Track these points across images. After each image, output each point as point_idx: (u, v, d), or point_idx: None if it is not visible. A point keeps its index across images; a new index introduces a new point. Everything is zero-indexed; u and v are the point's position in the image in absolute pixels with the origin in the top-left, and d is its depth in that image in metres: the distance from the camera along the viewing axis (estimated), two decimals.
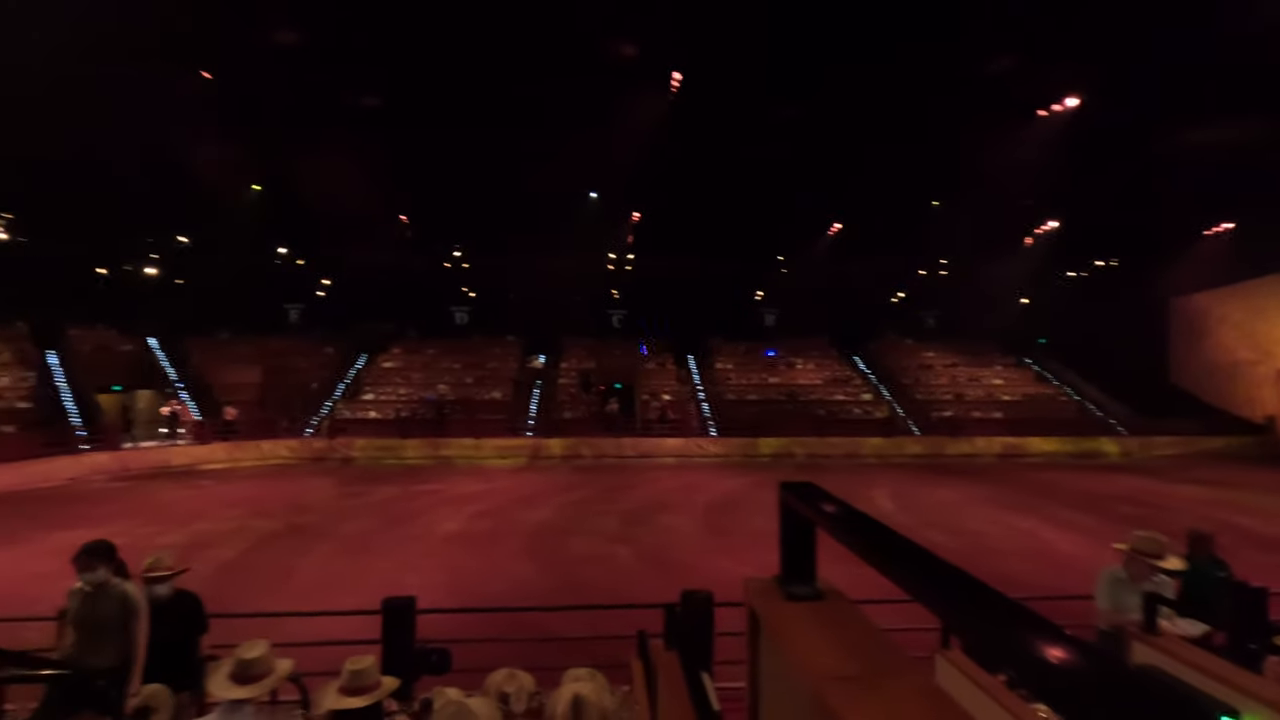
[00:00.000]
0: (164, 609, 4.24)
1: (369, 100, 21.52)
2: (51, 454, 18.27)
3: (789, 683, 0.82)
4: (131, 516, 13.33)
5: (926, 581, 0.63)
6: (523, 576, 9.80)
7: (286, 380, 25.31)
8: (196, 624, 4.40)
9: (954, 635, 2.01)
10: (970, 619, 0.57)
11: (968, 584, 0.62)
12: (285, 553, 11.10)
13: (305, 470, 20.04)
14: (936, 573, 0.64)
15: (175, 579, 4.34)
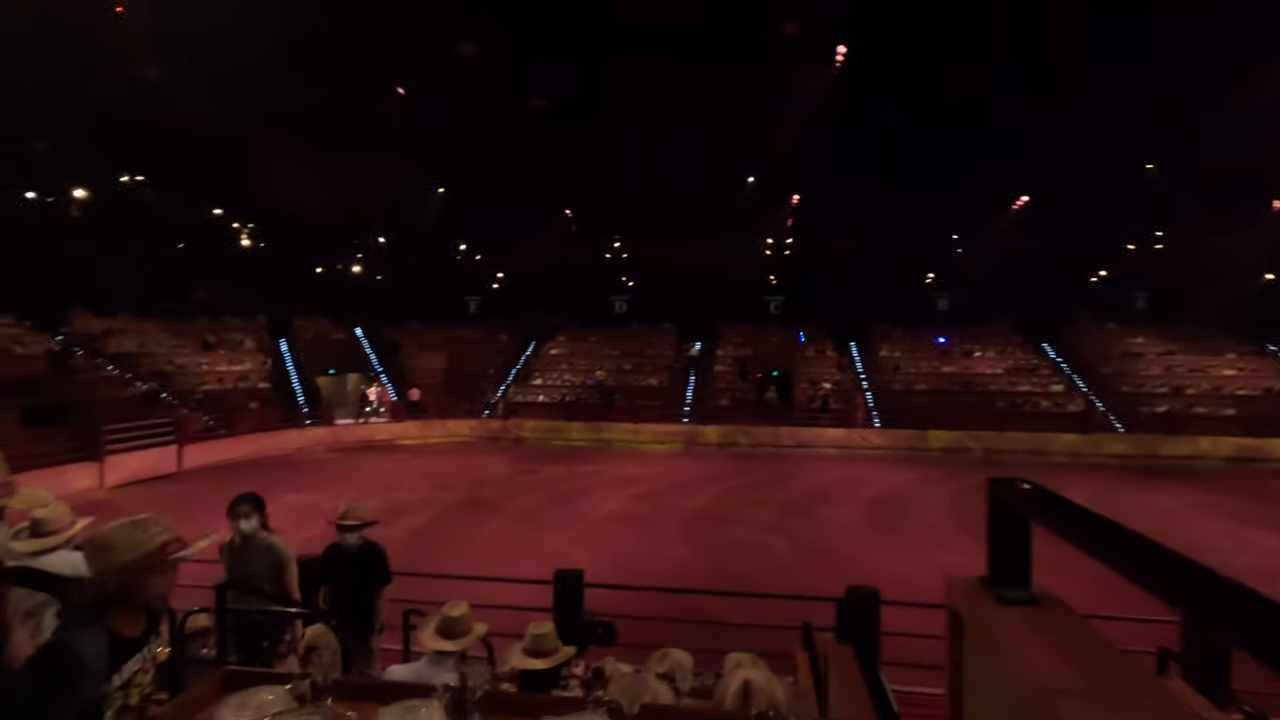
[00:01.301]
0: (352, 557, 4.50)
1: (537, 101, 22.76)
2: (283, 427, 21.49)
3: (1002, 692, 0.74)
4: (342, 483, 15.30)
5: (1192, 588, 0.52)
6: (679, 559, 9.96)
7: (467, 365, 27.67)
8: (379, 574, 4.61)
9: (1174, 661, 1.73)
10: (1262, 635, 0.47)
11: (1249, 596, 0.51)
12: (467, 522, 12.19)
13: (483, 448, 21.81)
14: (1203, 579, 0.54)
15: (364, 529, 4.59)
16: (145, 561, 1.66)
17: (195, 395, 21.08)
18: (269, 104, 20.39)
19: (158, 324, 24.48)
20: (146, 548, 1.67)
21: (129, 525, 1.72)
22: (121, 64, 18.24)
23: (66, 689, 1.50)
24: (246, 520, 3.91)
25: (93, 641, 1.57)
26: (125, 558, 1.63)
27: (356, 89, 21.17)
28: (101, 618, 1.63)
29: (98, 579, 1.64)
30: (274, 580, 3.87)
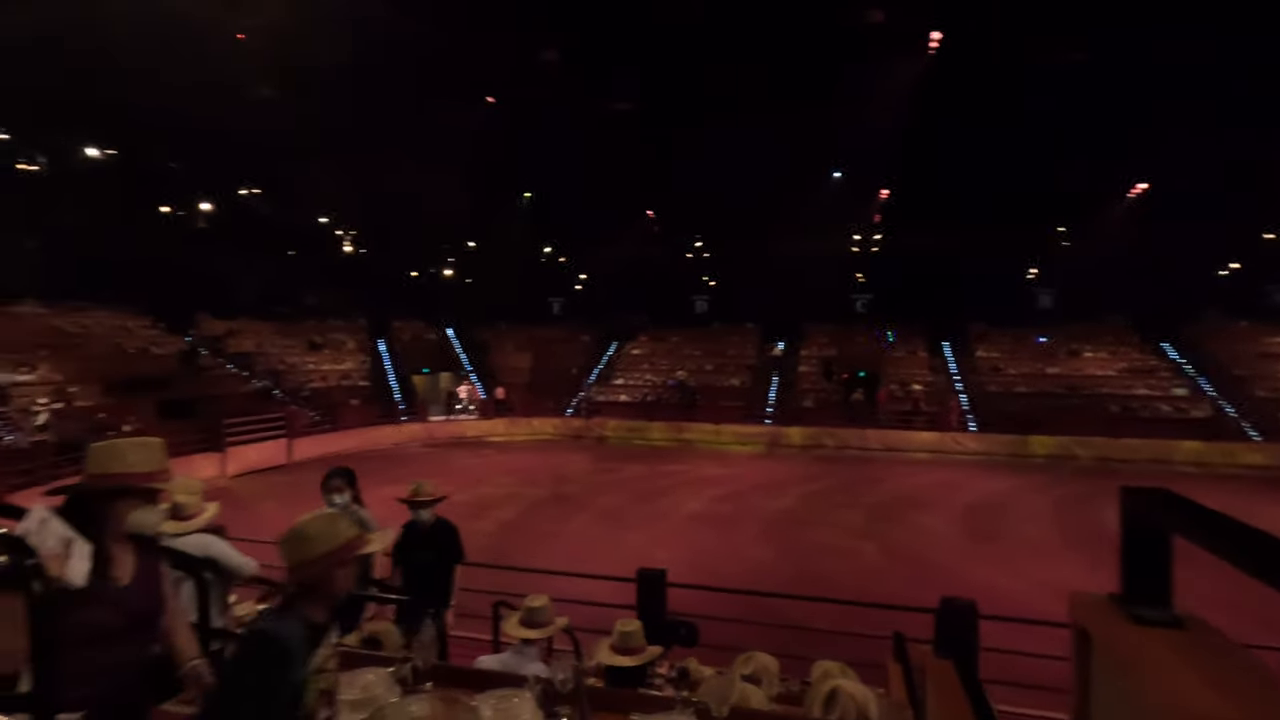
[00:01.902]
0: (426, 534, 4.55)
1: (619, 103, 23.02)
2: (381, 423, 22.70)
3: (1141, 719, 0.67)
4: (435, 477, 15.86)
5: None
6: (762, 562, 9.81)
7: (551, 365, 28.33)
8: (453, 551, 4.65)
9: None
10: None
11: None
12: (551, 518, 12.47)
13: (566, 446, 22.26)
14: None
15: (435, 505, 4.66)
16: (337, 555, 1.74)
17: (303, 392, 22.59)
18: (368, 118, 21.62)
19: (271, 326, 26.42)
20: (338, 541, 1.75)
21: (323, 519, 1.81)
22: (240, 86, 19.78)
23: (280, 673, 1.60)
24: (339, 494, 4.06)
25: (293, 629, 1.66)
26: (320, 550, 1.71)
27: (448, 100, 22.09)
28: (296, 607, 1.72)
29: (293, 570, 1.72)
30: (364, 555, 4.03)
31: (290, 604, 1.73)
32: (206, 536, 3.42)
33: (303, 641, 1.67)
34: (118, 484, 1.87)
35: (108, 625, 1.84)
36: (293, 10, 17.20)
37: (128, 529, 1.90)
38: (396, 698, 1.82)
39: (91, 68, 16.98)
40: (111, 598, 1.85)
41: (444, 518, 4.73)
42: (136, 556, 1.95)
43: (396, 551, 4.58)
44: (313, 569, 1.71)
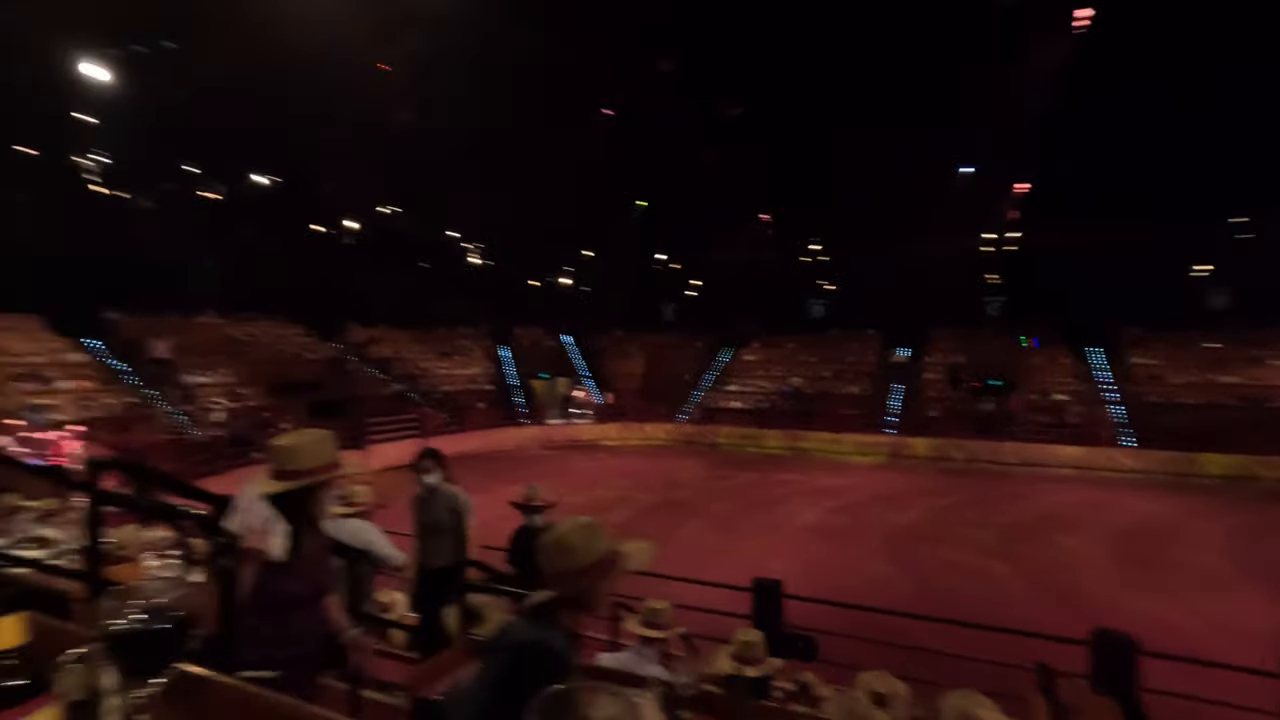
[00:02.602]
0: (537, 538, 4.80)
1: (734, 107, 22.93)
2: (503, 425, 23.85)
3: None
4: (552, 478, 16.52)
5: None
6: (881, 577, 9.38)
7: (663, 371, 28.58)
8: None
9: None
10: None
11: None
12: (664, 522, 12.55)
13: (678, 451, 22.35)
14: None
15: (546, 511, 4.81)
16: (601, 567, 1.71)
17: (435, 395, 24.17)
18: (493, 136, 22.88)
19: (407, 334, 28.49)
20: (600, 552, 1.71)
21: (584, 529, 1.76)
22: (381, 114, 21.57)
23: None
24: (430, 474, 4.23)
25: (560, 639, 1.64)
26: (585, 561, 1.68)
27: (566, 114, 22.95)
28: (557, 617, 1.68)
29: (556, 579, 1.69)
30: (455, 526, 4.16)
31: (550, 614, 1.67)
32: (362, 524, 3.76)
33: (568, 652, 1.64)
34: (313, 478, 2.13)
35: (297, 595, 2.14)
36: (426, 41, 18.56)
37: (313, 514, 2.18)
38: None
39: (261, 106, 19.14)
40: (300, 571, 2.14)
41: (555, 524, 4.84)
42: (313, 537, 2.23)
43: (510, 554, 4.79)
44: (579, 581, 1.67)
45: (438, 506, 4.20)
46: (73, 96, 18.76)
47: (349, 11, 16.08)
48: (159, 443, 15.31)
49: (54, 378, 16.62)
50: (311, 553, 2.20)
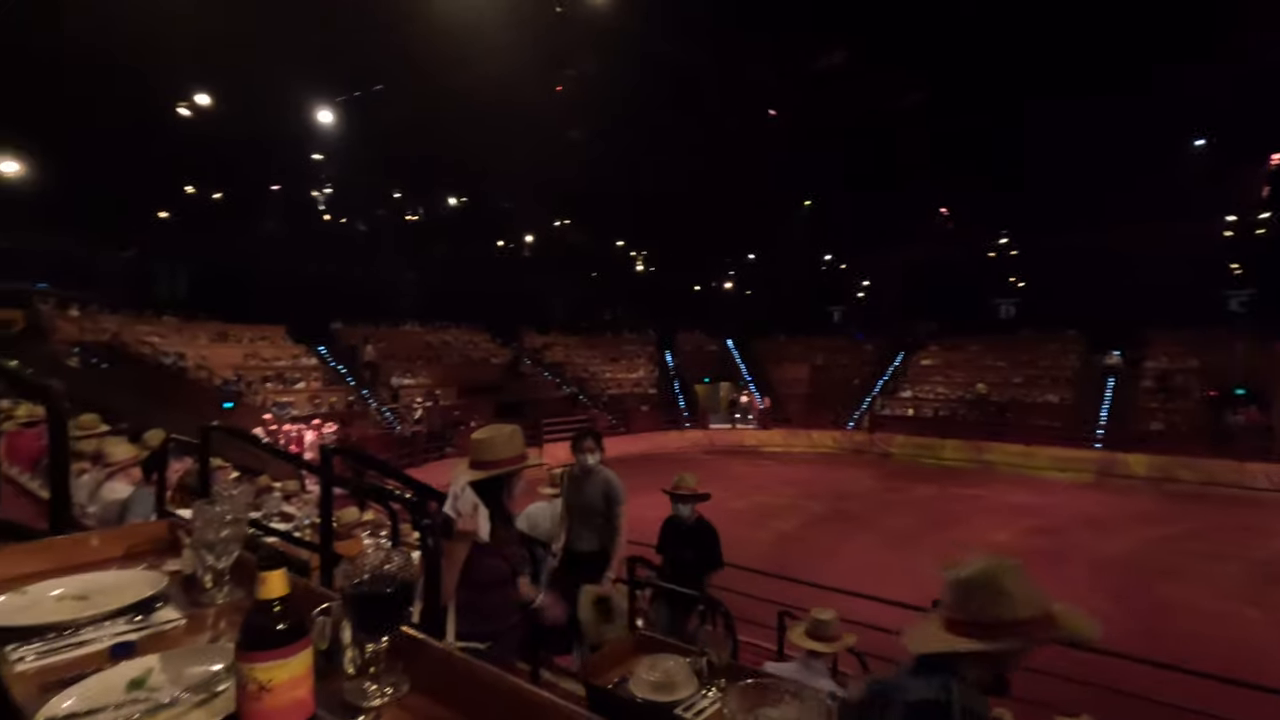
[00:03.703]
0: (686, 531, 4.52)
1: (908, 96, 21.56)
2: (667, 428, 24.29)
3: None
4: (715, 482, 16.46)
5: None
6: (1091, 612, 8.25)
7: (831, 376, 27.50)
8: (711, 555, 4.51)
9: None
10: None
11: None
12: (832, 534, 12.08)
13: (847, 460, 21.38)
14: None
15: (697, 502, 4.60)
16: (1038, 625, 1.40)
17: (603, 398, 25.24)
18: (657, 143, 23.45)
19: (577, 339, 30.06)
20: (1039, 608, 1.42)
21: (1017, 573, 1.46)
22: (557, 130, 22.96)
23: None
24: (591, 454, 4.15)
25: (982, 702, 1.40)
26: (1021, 613, 1.39)
27: (730, 117, 22.94)
28: (963, 673, 1.41)
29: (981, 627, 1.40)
30: (606, 510, 4.06)
31: (954, 669, 1.39)
32: (537, 512, 4.03)
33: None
34: (506, 468, 2.36)
35: (501, 572, 2.38)
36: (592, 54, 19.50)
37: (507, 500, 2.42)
38: (693, 688, 1.93)
39: (450, 136, 21.23)
40: (500, 552, 2.37)
41: (706, 519, 4.66)
42: (507, 521, 2.46)
43: (659, 545, 4.69)
44: (1006, 636, 1.37)
45: (592, 488, 4.11)
46: (307, 140, 22.07)
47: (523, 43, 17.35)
48: (372, 436, 17.51)
49: (293, 379, 19.63)
50: (507, 535, 2.42)
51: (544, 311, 30.82)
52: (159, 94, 18.23)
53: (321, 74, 18.98)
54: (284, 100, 19.33)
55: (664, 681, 1.95)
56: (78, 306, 19.60)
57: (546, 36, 17.84)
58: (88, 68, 15.71)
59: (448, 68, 17.78)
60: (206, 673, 0.86)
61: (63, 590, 1.18)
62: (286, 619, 0.73)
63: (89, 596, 1.15)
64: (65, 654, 0.99)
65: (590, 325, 31.74)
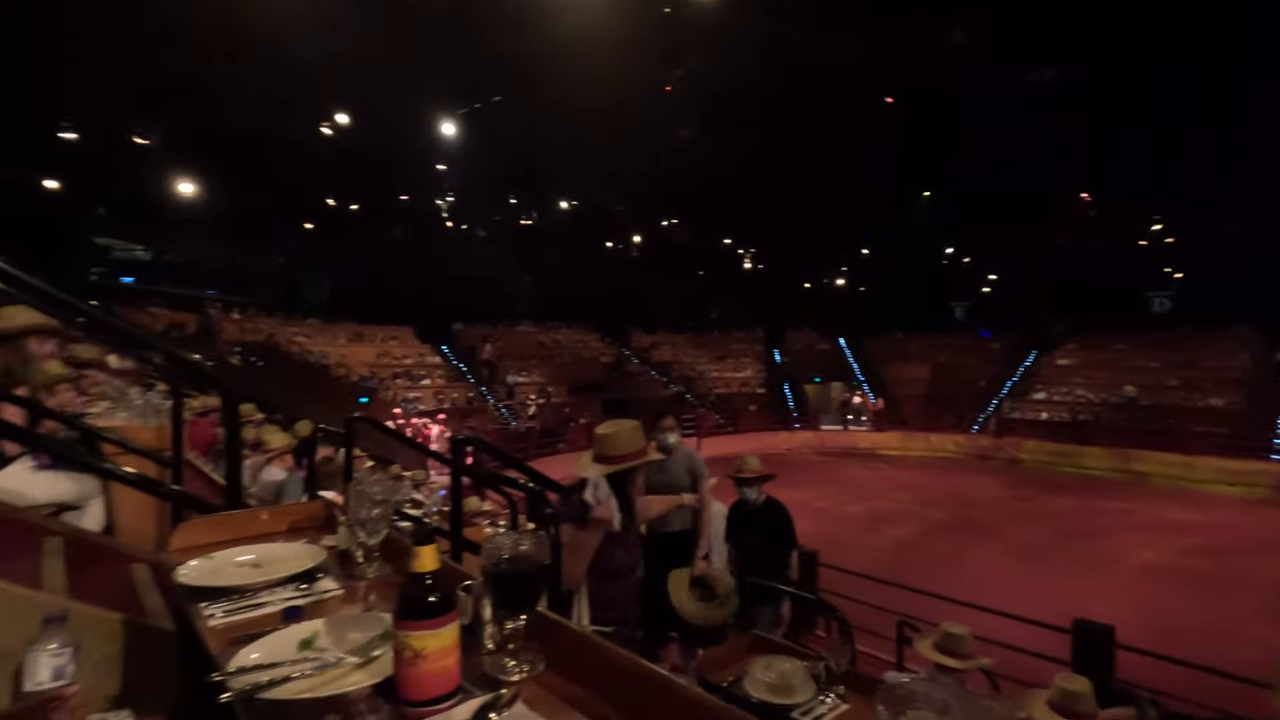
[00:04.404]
0: (753, 514, 4.29)
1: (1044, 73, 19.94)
2: (775, 428, 23.82)
3: None
4: (827, 485, 16.07)
5: None
6: (1267, 644, 7.28)
7: (952, 376, 25.90)
8: (784, 536, 4.29)
9: None
10: None
11: None
12: (954, 543, 11.38)
13: (970, 466, 20.07)
14: None
15: (763, 484, 4.36)
16: None
17: (710, 398, 25.13)
18: (765, 137, 23.05)
19: (684, 338, 30.12)
20: None
21: None
22: (665, 131, 23.13)
23: None
24: (671, 433, 4.00)
25: None
26: None
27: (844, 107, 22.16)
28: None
29: None
30: (693, 488, 3.92)
31: None
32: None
33: None
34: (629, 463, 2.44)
35: (626, 564, 2.47)
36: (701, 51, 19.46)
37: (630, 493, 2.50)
38: (811, 692, 1.88)
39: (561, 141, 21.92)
40: (627, 543, 2.47)
41: (775, 498, 4.40)
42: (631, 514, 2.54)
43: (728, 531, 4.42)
44: None
45: (676, 467, 3.94)
46: (432, 152, 23.56)
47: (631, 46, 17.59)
48: (489, 431, 18.39)
49: (420, 376, 21.00)
50: (631, 527, 2.50)
51: (651, 311, 31.11)
52: (304, 119, 20.12)
53: (444, 90, 20.21)
54: (411, 116, 20.76)
55: (780, 683, 1.91)
56: (238, 311, 21.97)
57: (655, 37, 18.00)
58: (242, 99, 17.60)
59: (559, 76, 18.38)
60: (365, 638, 0.94)
61: (241, 557, 1.33)
62: (437, 592, 0.79)
63: (262, 564, 1.30)
64: (245, 614, 1.13)
65: (697, 324, 31.69)
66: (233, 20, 15.11)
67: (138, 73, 15.81)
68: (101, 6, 14.46)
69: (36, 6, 13.90)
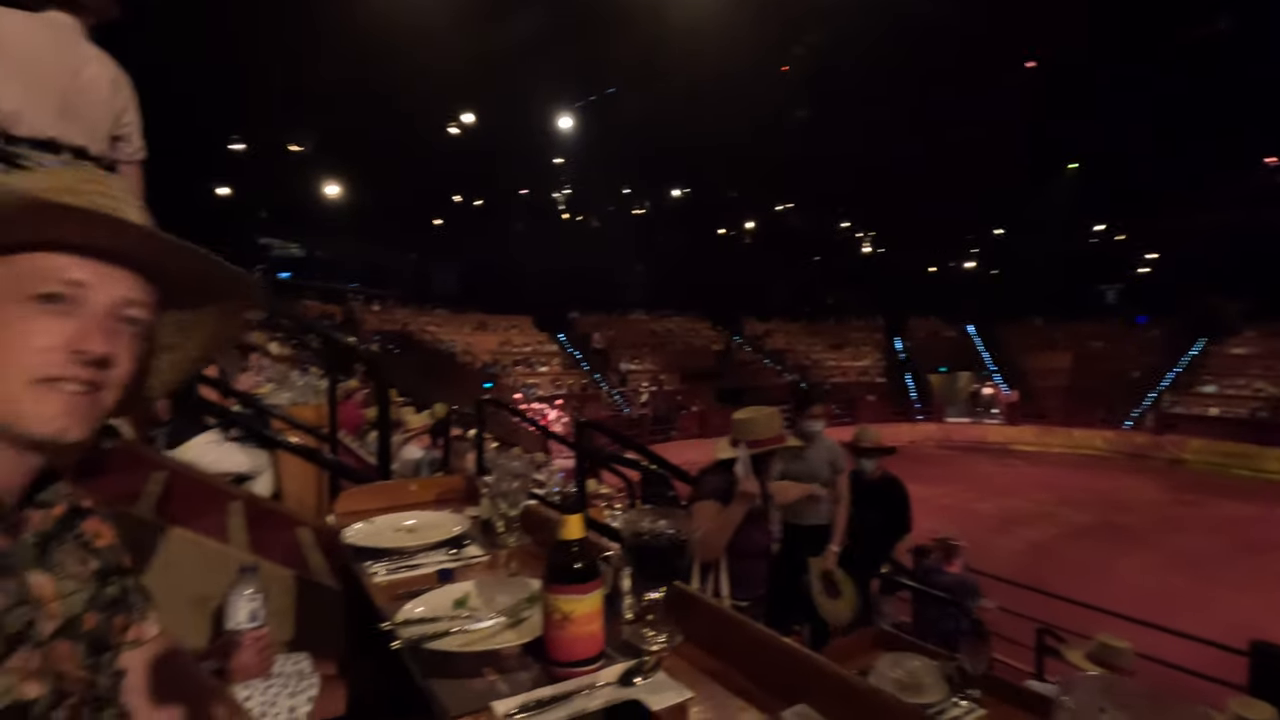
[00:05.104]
0: (869, 489, 4.05)
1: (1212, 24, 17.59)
2: (895, 420, 22.71)
3: None
4: (952, 481, 15.15)
5: None
6: None
7: (1100, 367, 23.56)
8: (899, 516, 4.08)
9: None
10: None
11: None
12: (1099, 549, 10.43)
13: (1120, 465, 18.25)
14: None
15: (881, 457, 4.17)
16: None
17: (825, 386, 24.37)
18: (887, 116, 21.89)
19: (799, 326, 29.37)
20: None
21: None
22: (778, 114, 22.56)
23: None
24: (816, 421, 3.80)
25: None
26: None
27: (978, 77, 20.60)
28: None
29: None
30: (831, 480, 3.75)
31: None
32: None
33: None
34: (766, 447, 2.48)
35: (761, 545, 2.53)
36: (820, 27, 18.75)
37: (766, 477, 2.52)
38: (943, 694, 1.80)
39: (673, 130, 21.92)
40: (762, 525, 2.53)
41: (893, 474, 4.17)
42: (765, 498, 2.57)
43: None
44: None
45: (816, 457, 3.74)
46: (549, 146, 24.36)
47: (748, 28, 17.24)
48: (603, 418, 18.86)
49: (538, 363, 21.86)
50: (766, 509, 2.53)
51: (765, 298, 30.56)
52: (434, 121, 21.41)
53: (562, 84, 20.80)
54: (530, 112, 21.55)
55: (909, 681, 1.83)
56: (378, 302, 23.81)
57: (774, 14, 17.56)
58: (380, 106, 18.99)
59: (674, 61, 18.37)
60: (512, 601, 1.00)
61: (397, 523, 1.46)
62: (583, 559, 0.82)
63: (416, 530, 1.42)
64: (404, 573, 1.23)
65: (813, 311, 30.77)
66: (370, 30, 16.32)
67: (293, 86, 17.48)
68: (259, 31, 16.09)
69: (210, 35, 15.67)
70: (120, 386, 0.64)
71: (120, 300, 0.63)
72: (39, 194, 0.59)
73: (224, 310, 0.77)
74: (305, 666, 1.48)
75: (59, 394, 0.60)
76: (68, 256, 0.62)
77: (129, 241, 0.63)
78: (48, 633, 0.61)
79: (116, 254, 0.64)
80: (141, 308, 0.66)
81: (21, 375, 0.59)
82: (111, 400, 0.64)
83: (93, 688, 0.64)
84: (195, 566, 1.79)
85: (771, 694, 0.78)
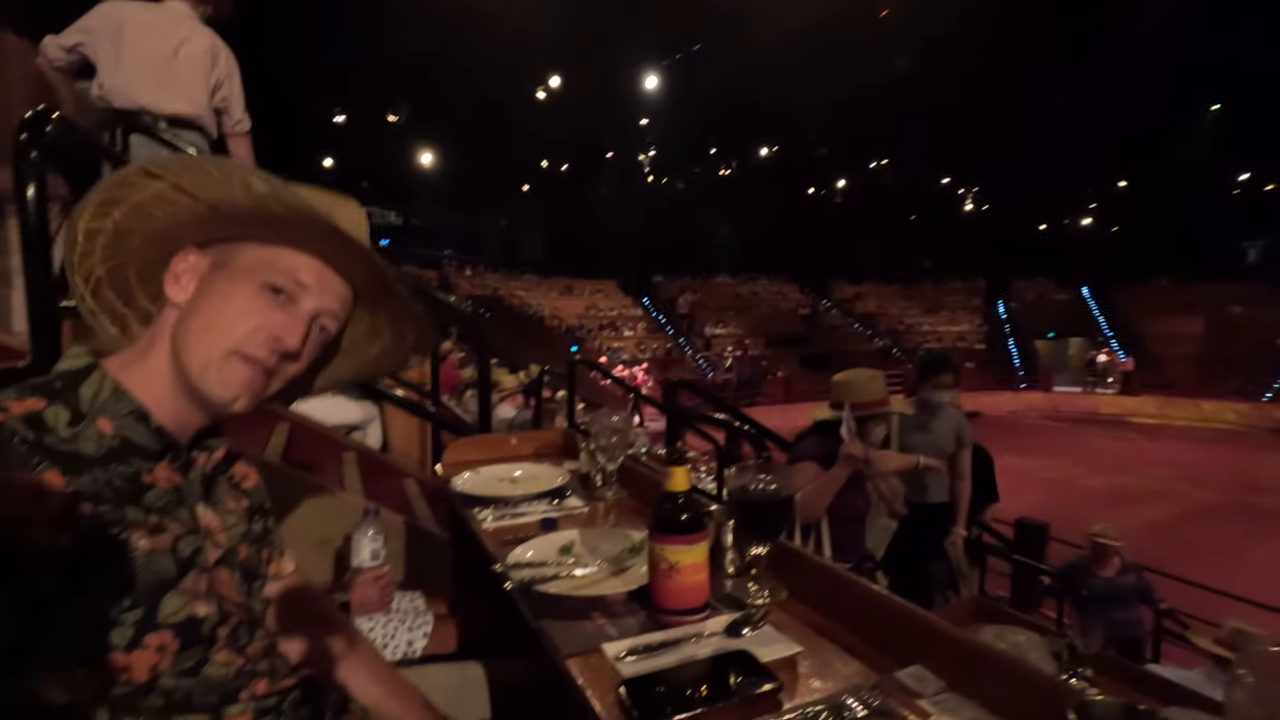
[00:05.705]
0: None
1: None
2: (997, 389, 21.49)
3: None
4: (1059, 454, 14.26)
5: None
6: None
7: (1238, 333, 21.28)
8: (985, 483, 3.82)
9: None
10: None
11: None
12: (1231, 532, 9.57)
13: (1259, 441, 16.57)
14: None
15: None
16: None
17: (919, 352, 23.34)
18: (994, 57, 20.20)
19: (892, 289, 28.14)
20: None
21: None
22: (877, 64, 21.28)
23: None
24: (948, 390, 3.52)
25: None
26: None
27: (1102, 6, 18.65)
28: None
29: None
30: (954, 454, 3.50)
31: None
32: None
33: None
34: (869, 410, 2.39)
35: (860, 510, 2.44)
36: None
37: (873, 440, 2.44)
38: (1050, 669, 1.72)
39: (761, 85, 21.14)
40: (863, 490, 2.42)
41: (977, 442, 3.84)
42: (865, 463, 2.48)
43: None
44: None
45: (941, 428, 3.46)
46: (634, 107, 24.11)
47: None
48: (687, 381, 18.89)
49: (622, 327, 22.06)
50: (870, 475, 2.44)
51: (856, 260, 29.38)
52: (521, 86, 21.59)
53: (647, 42, 20.43)
54: (615, 73, 21.35)
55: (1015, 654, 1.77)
56: (470, 268, 24.63)
57: None
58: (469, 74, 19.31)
59: (763, 14, 17.64)
60: (615, 550, 1.03)
61: (501, 474, 1.52)
62: (688, 510, 0.83)
63: (518, 480, 1.47)
64: (510, 520, 1.29)
65: (908, 274, 29.32)
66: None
67: (389, 56, 18.06)
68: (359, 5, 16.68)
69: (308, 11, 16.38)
70: (289, 378, 0.73)
71: (325, 309, 0.72)
72: (317, 210, 0.66)
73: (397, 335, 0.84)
74: (420, 604, 1.59)
75: (246, 369, 0.68)
76: (306, 258, 0.71)
77: (358, 265, 0.73)
78: (212, 560, 0.68)
79: (338, 267, 0.73)
80: (335, 320, 0.75)
81: (224, 343, 0.67)
82: (278, 386, 0.72)
83: (249, 612, 0.71)
84: (317, 511, 1.94)
85: (882, 653, 0.77)
